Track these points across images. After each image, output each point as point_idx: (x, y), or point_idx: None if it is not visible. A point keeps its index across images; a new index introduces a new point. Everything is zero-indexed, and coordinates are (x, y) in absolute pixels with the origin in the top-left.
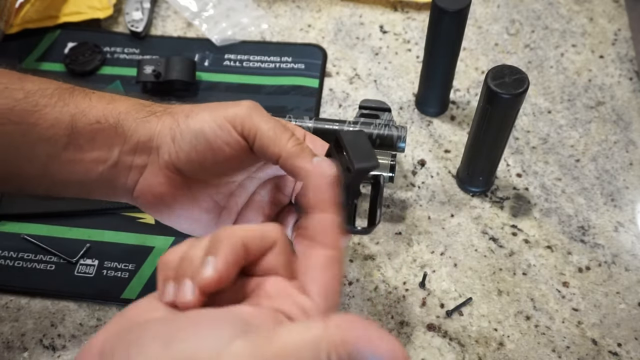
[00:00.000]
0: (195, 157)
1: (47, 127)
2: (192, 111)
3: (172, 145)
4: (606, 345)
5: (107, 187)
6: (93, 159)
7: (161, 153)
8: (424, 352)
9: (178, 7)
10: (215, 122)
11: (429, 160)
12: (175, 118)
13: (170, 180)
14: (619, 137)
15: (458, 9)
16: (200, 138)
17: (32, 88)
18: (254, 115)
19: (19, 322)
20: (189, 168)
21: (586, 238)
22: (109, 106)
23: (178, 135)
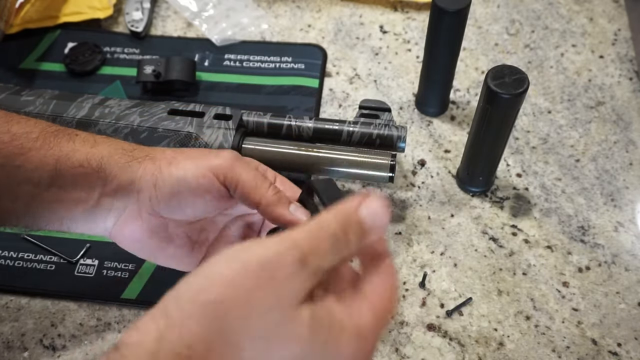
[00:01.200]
0: (175, 202)
1: (32, 169)
2: (174, 159)
3: (153, 190)
4: (606, 345)
5: (86, 225)
6: (74, 199)
7: (141, 197)
8: (424, 352)
9: (178, 7)
10: (198, 170)
11: (429, 160)
12: (157, 164)
13: (147, 223)
14: (619, 137)
15: (458, 9)
16: (182, 185)
17: (18, 131)
18: (236, 166)
19: (19, 322)
20: (167, 211)
21: (586, 238)
22: (93, 150)
23: (160, 182)
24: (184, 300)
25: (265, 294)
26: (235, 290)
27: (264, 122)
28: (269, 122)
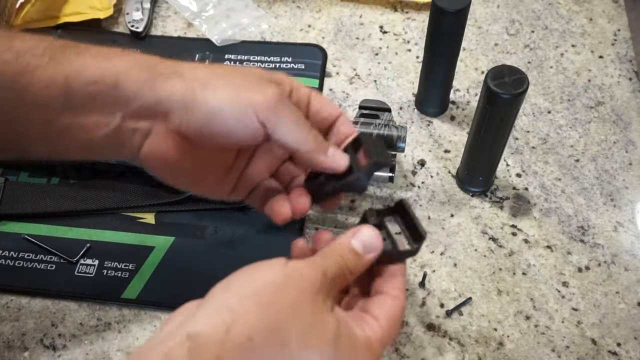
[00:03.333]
0: (207, 131)
1: (41, 89)
2: (210, 81)
3: (184, 114)
4: (605, 345)
5: (111, 150)
6: (93, 124)
7: (171, 119)
8: (424, 352)
9: (178, 7)
10: (237, 106)
11: (429, 160)
12: (190, 85)
13: (177, 145)
14: (619, 137)
15: (458, 9)
16: (218, 117)
17: (22, 48)
18: (279, 109)
19: (19, 322)
20: (198, 138)
21: (586, 238)
22: (106, 64)
23: (192, 106)
24: (244, 298)
25: (303, 302)
26: (284, 294)
27: None
28: None
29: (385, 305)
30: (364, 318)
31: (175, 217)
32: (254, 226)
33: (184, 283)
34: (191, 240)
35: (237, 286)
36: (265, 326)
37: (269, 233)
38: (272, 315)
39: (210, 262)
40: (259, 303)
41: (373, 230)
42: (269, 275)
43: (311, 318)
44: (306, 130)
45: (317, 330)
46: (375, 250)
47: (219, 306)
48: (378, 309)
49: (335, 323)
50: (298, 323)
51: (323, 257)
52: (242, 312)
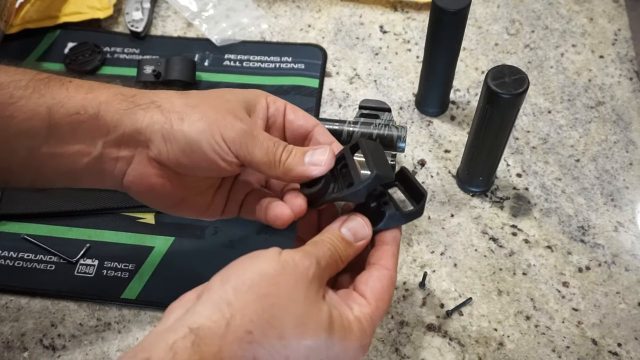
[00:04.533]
0: (186, 161)
1: (24, 119)
2: (186, 114)
3: (163, 144)
4: (606, 345)
5: (95, 177)
6: (76, 152)
7: (151, 147)
8: (424, 352)
9: (178, 7)
10: (213, 138)
11: (429, 160)
12: (167, 117)
13: (161, 172)
14: (619, 137)
15: (458, 9)
16: (196, 148)
17: (6, 80)
18: (249, 142)
19: (19, 322)
20: (178, 167)
21: (586, 238)
22: (88, 96)
23: (171, 138)
24: (242, 292)
25: (299, 289)
26: (278, 287)
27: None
28: None
29: (371, 279)
30: (353, 297)
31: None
32: (254, 226)
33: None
34: (191, 240)
35: (234, 279)
36: (263, 319)
37: (269, 233)
38: (268, 308)
39: (210, 262)
40: (255, 296)
41: (362, 218)
42: (264, 266)
43: (306, 308)
44: (279, 152)
45: (311, 320)
46: (365, 238)
47: (218, 300)
48: (364, 285)
49: (328, 310)
50: (293, 313)
51: (315, 246)
52: (240, 306)
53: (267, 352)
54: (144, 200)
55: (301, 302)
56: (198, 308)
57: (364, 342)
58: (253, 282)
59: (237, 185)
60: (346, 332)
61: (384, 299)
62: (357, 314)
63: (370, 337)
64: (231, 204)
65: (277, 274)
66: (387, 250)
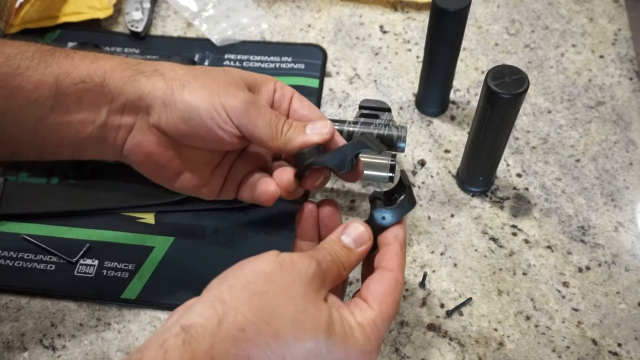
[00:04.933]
0: (184, 128)
1: (32, 89)
2: (187, 82)
3: (163, 110)
4: (606, 345)
5: (97, 146)
6: (81, 120)
7: (151, 113)
8: (424, 352)
9: (178, 7)
10: (213, 106)
11: (429, 160)
12: (169, 84)
13: (159, 139)
14: (619, 137)
15: (458, 9)
16: (195, 115)
17: (12, 52)
18: (251, 112)
19: (19, 322)
20: (177, 135)
21: (586, 238)
22: (93, 65)
23: (171, 104)
24: (237, 289)
25: (297, 287)
26: (275, 284)
27: None
28: None
29: (372, 283)
30: (357, 303)
31: (175, 217)
32: (254, 226)
33: (183, 283)
34: (191, 240)
35: (231, 278)
36: (258, 316)
37: (269, 233)
38: (264, 305)
39: (210, 262)
40: (251, 293)
41: (362, 224)
42: (261, 265)
43: (303, 306)
44: (281, 124)
45: (310, 319)
46: (365, 243)
47: (212, 299)
48: (366, 289)
49: (328, 311)
50: (290, 311)
51: (315, 250)
52: (234, 303)
53: (261, 351)
54: (142, 169)
55: (298, 300)
56: (193, 307)
57: (367, 348)
58: (249, 280)
59: (237, 166)
60: (348, 337)
61: (387, 302)
62: (360, 319)
63: (376, 344)
64: (229, 184)
65: (274, 271)
66: (388, 251)
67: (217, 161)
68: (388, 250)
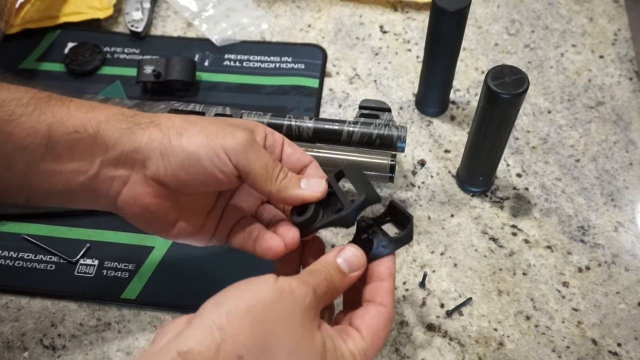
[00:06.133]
0: (184, 176)
1: (24, 136)
2: (184, 129)
3: (161, 161)
4: (606, 345)
5: (89, 197)
6: (73, 170)
7: (148, 165)
8: (424, 352)
9: (178, 7)
10: (212, 149)
11: (429, 160)
12: (166, 133)
13: (155, 192)
14: (619, 137)
15: (458, 9)
16: (194, 160)
17: (7, 97)
18: (250, 152)
19: (19, 322)
20: (175, 184)
21: (586, 238)
22: (88, 115)
23: (169, 152)
24: (236, 317)
25: (294, 316)
26: (274, 314)
27: (264, 122)
28: (269, 122)
29: (368, 316)
30: (348, 331)
31: None
32: None
33: (183, 283)
34: None
35: (228, 303)
36: (256, 345)
37: None
38: (262, 334)
39: (210, 262)
40: (250, 321)
41: (357, 249)
42: (260, 292)
43: (301, 335)
44: (276, 171)
45: (306, 348)
46: (360, 269)
47: (210, 324)
48: (360, 320)
49: (322, 340)
50: (288, 340)
51: (311, 275)
52: (232, 331)
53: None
54: (137, 222)
55: (296, 329)
56: (189, 332)
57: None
58: (248, 308)
59: (229, 210)
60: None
61: (380, 336)
62: (352, 347)
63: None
64: (221, 229)
65: (273, 300)
66: (383, 287)
67: (211, 205)
68: (383, 286)
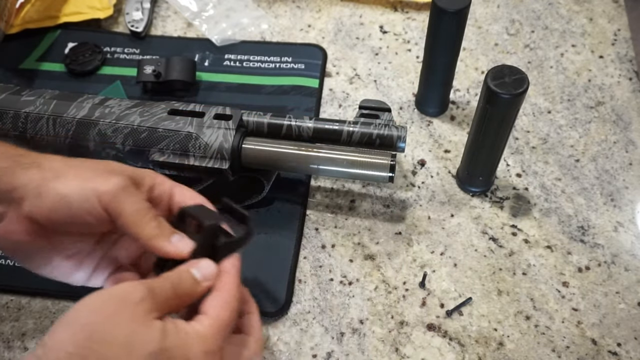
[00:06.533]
0: (55, 217)
1: None
2: (62, 173)
3: (35, 201)
4: (606, 345)
5: None
6: None
7: (24, 205)
8: (424, 352)
9: (178, 7)
10: (82, 193)
11: (429, 160)
12: (44, 175)
13: (30, 229)
14: (619, 137)
15: (458, 9)
16: (64, 203)
17: None
18: (121, 197)
19: (19, 322)
20: (48, 224)
21: (586, 238)
22: None
23: (43, 194)
24: (58, 331)
25: (123, 313)
26: (98, 314)
27: (264, 122)
28: (269, 122)
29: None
30: (194, 318)
31: None
32: None
33: None
34: None
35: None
36: (81, 347)
37: (269, 233)
38: (88, 336)
39: None
40: (74, 329)
41: (212, 263)
42: (89, 299)
43: (132, 328)
44: (147, 217)
45: (142, 335)
46: (211, 280)
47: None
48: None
49: (162, 325)
50: (118, 335)
51: (156, 279)
52: (54, 343)
53: None
54: (12, 256)
55: (127, 324)
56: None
57: (206, 348)
58: (72, 316)
59: (106, 259)
60: (184, 342)
61: (224, 308)
62: (195, 325)
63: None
64: (97, 275)
65: (101, 302)
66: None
67: (90, 248)
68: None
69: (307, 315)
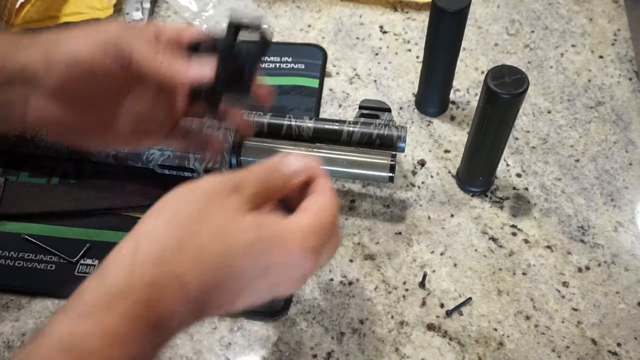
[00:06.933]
0: (71, 84)
1: None
2: (62, 39)
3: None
4: (606, 345)
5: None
6: None
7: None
8: (424, 352)
9: (178, 7)
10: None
11: (429, 160)
12: (46, 47)
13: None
14: (619, 137)
15: (458, 9)
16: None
17: None
18: (128, 34)
19: (19, 322)
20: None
21: (586, 238)
22: None
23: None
24: (150, 219)
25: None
26: (189, 204)
27: (264, 122)
28: (269, 122)
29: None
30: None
31: None
32: None
33: None
34: None
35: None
36: (174, 236)
37: None
38: (180, 226)
39: None
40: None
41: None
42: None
43: (224, 219)
44: (159, 49)
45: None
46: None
47: (131, 233)
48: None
49: (256, 218)
50: (211, 224)
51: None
52: (148, 230)
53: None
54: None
55: (217, 214)
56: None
57: (305, 245)
58: (161, 206)
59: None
60: (283, 234)
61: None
62: (294, 219)
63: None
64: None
65: (189, 194)
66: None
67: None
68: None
69: (307, 315)
